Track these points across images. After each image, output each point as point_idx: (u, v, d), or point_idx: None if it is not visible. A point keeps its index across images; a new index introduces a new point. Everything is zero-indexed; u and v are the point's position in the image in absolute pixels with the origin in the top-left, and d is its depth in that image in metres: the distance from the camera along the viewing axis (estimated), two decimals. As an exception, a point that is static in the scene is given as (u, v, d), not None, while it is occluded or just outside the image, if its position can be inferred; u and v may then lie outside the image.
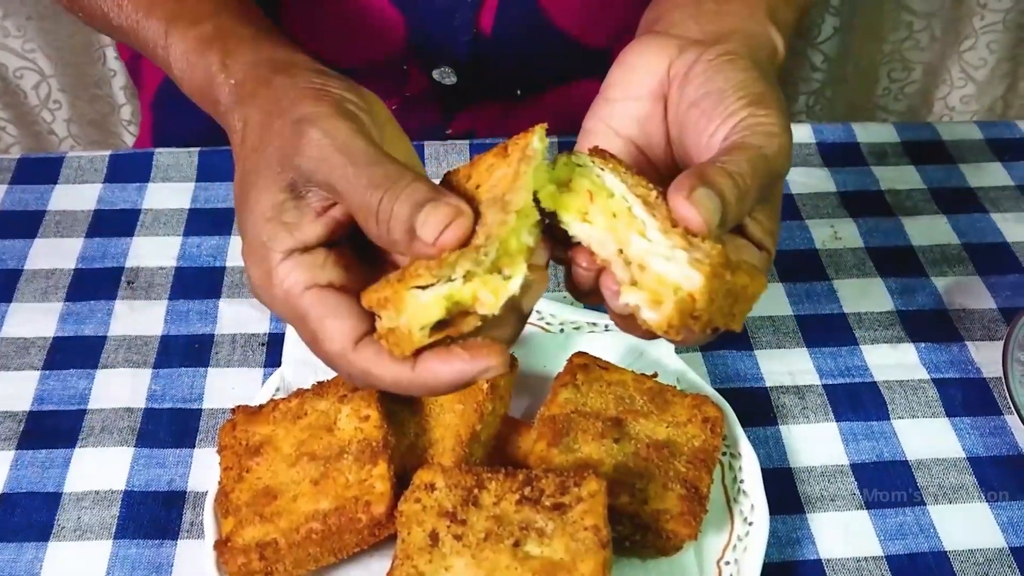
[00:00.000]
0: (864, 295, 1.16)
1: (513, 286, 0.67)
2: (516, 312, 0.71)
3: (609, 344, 1.04)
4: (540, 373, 1.03)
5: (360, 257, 0.75)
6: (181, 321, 1.13)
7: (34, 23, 2.16)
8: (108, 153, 1.33)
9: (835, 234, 1.24)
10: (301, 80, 0.76)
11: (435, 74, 1.24)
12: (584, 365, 0.96)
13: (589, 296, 0.76)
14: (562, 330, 1.07)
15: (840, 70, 2.41)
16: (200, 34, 0.85)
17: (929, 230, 1.24)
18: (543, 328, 1.07)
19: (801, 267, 1.20)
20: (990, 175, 1.32)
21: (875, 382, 1.07)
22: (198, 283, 1.17)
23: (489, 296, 0.67)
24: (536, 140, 0.71)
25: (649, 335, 0.74)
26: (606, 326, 1.07)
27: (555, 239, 0.74)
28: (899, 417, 1.04)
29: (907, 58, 2.42)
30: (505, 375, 0.96)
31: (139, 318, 1.13)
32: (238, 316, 1.13)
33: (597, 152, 0.76)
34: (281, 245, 0.72)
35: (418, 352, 0.69)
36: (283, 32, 0.88)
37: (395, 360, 0.69)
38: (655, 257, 0.69)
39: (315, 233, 0.72)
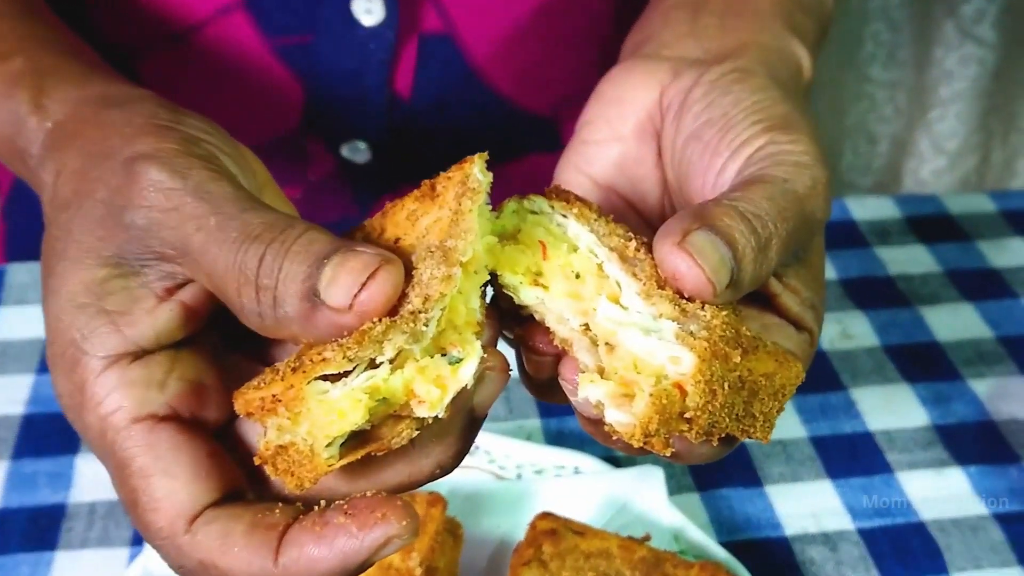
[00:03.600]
0: (890, 407, 0.94)
1: (465, 374, 0.47)
2: (465, 416, 0.50)
3: (582, 494, 0.80)
4: (493, 539, 0.78)
5: (224, 364, 0.53)
6: (25, 488, 0.87)
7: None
8: (-53, 274, 1.08)
9: (844, 331, 1.02)
10: (140, 114, 0.55)
11: (343, 150, 1.00)
12: (552, 531, 0.72)
13: (550, 392, 0.55)
14: (519, 476, 0.83)
15: (803, 145, 2.25)
16: (7, 71, 0.63)
17: (955, 322, 1.03)
18: (495, 475, 0.83)
19: (809, 374, 0.96)
20: (1014, 253, 1.12)
21: (922, 522, 0.84)
22: (51, 435, 0.91)
23: (432, 390, 0.46)
24: (477, 170, 0.51)
25: (633, 448, 0.52)
26: (576, 468, 0.83)
27: (502, 312, 0.53)
28: (960, 569, 0.81)
29: (872, 131, 2.27)
30: (446, 552, 0.72)
31: (-34, 487, 0.87)
32: (100, 477, 0.87)
33: (558, 193, 0.55)
34: (101, 347, 0.50)
35: (286, 527, 0.47)
36: None
37: (249, 545, 0.47)
38: (630, 330, 0.48)
39: (154, 328, 0.51)
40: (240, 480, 0.51)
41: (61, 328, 0.51)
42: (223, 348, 0.54)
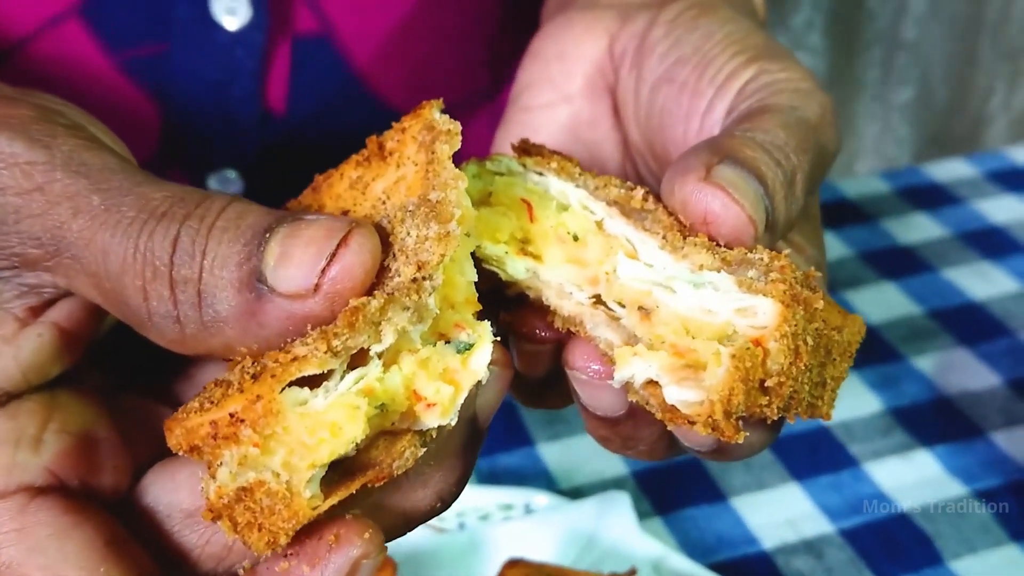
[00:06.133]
0: (840, 397, 0.87)
1: (478, 363, 0.36)
2: (466, 428, 0.39)
3: (540, 534, 0.69)
4: (448, 603, 0.66)
5: (114, 410, 0.40)
6: None
7: None
8: None
9: (773, 325, 0.95)
10: None
11: (211, 182, 0.85)
12: (525, 580, 0.60)
13: (544, 394, 0.45)
14: (462, 525, 0.71)
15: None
16: None
17: (882, 302, 0.98)
18: (433, 528, 0.70)
19: (748, 374, 0.90)
20: (919, 228, 1.09)
21: (904, 513, 0.77)
22: None
23: (442, 387, 0.35)
24: (437, 113, 0.41)
25: (659, 451, 0.43)
26: (527, 506, 0.72)
27: (481, 298, 0.42)
28: (955, 556, 0.74)
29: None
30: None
31: None
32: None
33: (527, 149, 0.46)
34: None
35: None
36: None
37: None
38: (675, 285, 0.38)
39: (17, 363, 0.38)
40: (150, 569, 0.38)
41: None
42: (109, 388, 0.41)
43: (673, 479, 0.80)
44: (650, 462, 0.80)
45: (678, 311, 0.38)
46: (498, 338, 0.37)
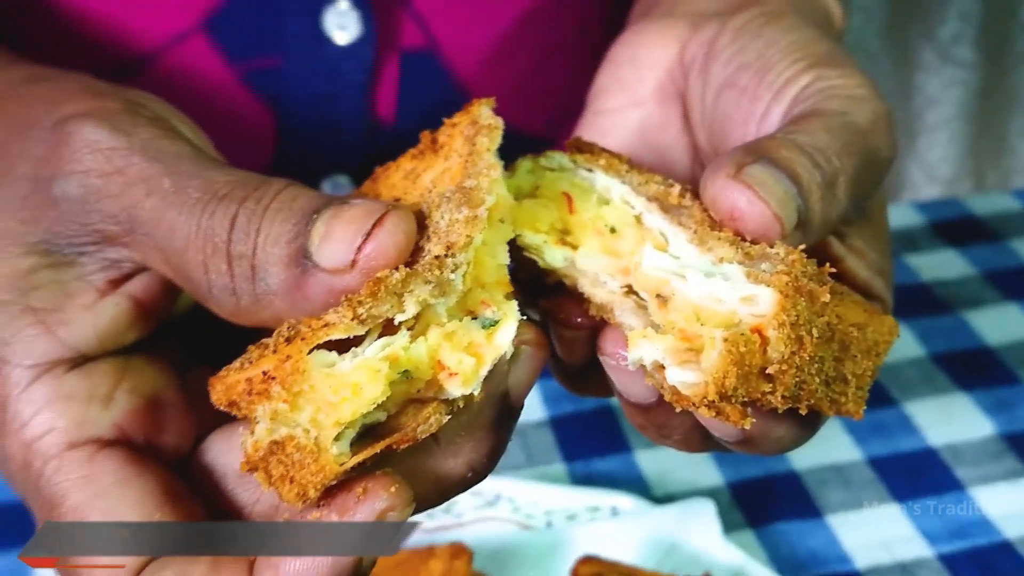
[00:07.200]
0: (949, 419, 0.85)
1: (503, 339, 0.39)
2: (498, 403, 0.41)
3: (624, 537, 0.70)
4: (528, 597, 0.68)
5: (187, 379, 0.45)
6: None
7: None
8: None
9: (885, 343, 0.93)
10: (73, 81, 0.48)
11: (325, 187, 0.91)
12: (598, 578, 0.61)
13: (585, 380, 0.47)
14: (549, 524, 0.73)
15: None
16: None
17: (1003, 323, 0.95)
18: (521, 524, 0.73)
19: (854, 392, 0.88)
20: (1049, 249, 1.04)
21: (1007, 541, 0.75)
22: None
23: (464, 359, 0.38)
24: (484, 110, 0.44)
25: (696, 441, 0.44)
26: (613, 509, 0.73)
27: (521, 286, 0.45)
28: (1059, 590, 0.71)
29: (860, 163, 2.22)
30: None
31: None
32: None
33: (579, 146, 0.48)
34: (26, 353, 0.41)
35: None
36: None
37: None
38: (688, 274, 0.40)
39: (95, 328, 0.42)
40: (203, 520, 0.42)
41: None
42: (185, 361, 0.45)
43: (768, 491, 0.79)
44: (744, 474, 0.80)
45: (690, 299, 0.40)
46: (525, 317, 0.40)
